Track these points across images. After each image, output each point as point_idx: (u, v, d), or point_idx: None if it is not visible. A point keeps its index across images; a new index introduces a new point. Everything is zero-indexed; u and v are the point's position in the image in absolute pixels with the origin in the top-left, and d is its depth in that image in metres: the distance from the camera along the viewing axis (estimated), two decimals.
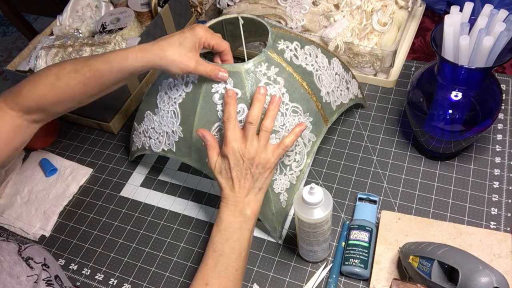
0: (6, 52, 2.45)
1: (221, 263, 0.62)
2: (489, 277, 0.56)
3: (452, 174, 0.80)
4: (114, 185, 0.88)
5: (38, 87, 0.68)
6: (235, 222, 0.64)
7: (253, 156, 0.64)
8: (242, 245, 0.64)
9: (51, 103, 0.69)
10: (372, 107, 0.92)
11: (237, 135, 0.64)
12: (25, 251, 0.57)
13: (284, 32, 0.73)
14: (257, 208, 0.66)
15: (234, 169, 0.64)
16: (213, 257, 0.63)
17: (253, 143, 0.64)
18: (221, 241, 0.63)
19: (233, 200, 0.65)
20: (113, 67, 0.67)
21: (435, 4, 1.05)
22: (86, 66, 0.68)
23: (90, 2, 1.07)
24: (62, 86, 0.68)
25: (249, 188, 0.65)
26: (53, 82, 0.68)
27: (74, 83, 0.68)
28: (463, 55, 0.67)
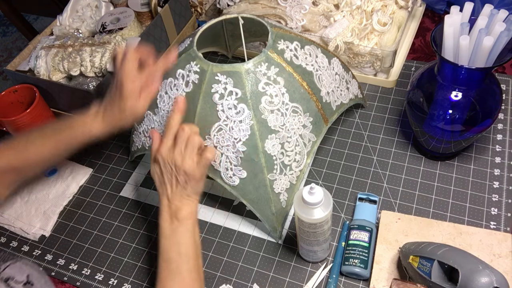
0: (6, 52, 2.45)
1: (173, 270, 0.63)
2: (489, 277, 0.56)
3: (452, 174, 0.80)
4: (114, 185, 0.88)
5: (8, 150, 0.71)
6: (172, 227, 0.65)
7: (178, 164, 0.64)
8: (188, 248, 0.64)
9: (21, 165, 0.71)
10: (372, 107, 0.92)
11: (169, 143, 0.66)
12: (4, 271, 0.57)
13: (284, 32, 0.73)
14: (192, 209, 0.66)
15: (164, 174, 0.66)
16: (164, 267, 0.64)
17: (180, 151, 0.65)
18: (166, 249, 0.64)
19: (167, 206, 0.66)
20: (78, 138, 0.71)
21: (435, 4, 1.05)
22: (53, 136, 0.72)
23: (90, 2, 1.07)
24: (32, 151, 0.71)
25: (179, 194, 0.66)
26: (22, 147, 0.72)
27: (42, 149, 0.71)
28: (463, 55, 0.67)
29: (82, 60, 0.91)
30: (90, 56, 0.91)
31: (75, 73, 0.92)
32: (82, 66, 0.91)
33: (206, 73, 0.69)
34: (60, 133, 0.72)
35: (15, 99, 0.94)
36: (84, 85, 0.92)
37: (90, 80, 0.92)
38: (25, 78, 0.94)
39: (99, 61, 0.91)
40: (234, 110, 0.68)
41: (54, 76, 0.93)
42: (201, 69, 0.70)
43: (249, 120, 0.68)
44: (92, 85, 0.92)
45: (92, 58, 0.91)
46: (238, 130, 0.68)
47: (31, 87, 0.92)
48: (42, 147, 0.72)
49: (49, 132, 0.73)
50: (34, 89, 0.92)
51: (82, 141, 0.72)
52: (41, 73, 0.94)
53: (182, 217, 0.65)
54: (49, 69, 0.93)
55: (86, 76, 0.92)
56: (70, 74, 0.92)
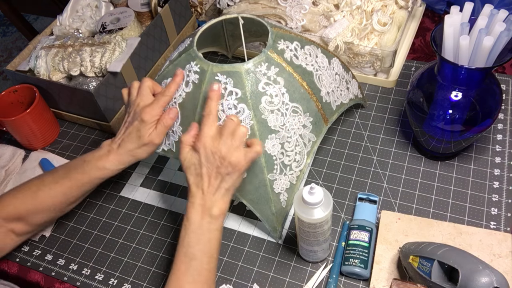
0: (6, 52, 2.45)
1: (194, 267, 0.61)
2: (489, 277, 0.56)
3: (452, 174, 0.80)
4: (114, 185, 0.88)
5: (18, 197, 0.71)
6: (203, 223, 0.62)
7: (224, 155, 0.62)
8: (213, 246, 0.63)
9: (30, 213, 0.71)
10: (372, 107, 0.92)
11: (213, 132, 0.63)
12: None
13: (284, 32, 0.73)
14: (225, 208, 0.64)
15: (204, 165, 0.63)
16: (184, 262, 0.62)
17: (226, 142, 0.63)
18: (191, 244, 0.62)
19: (200, 199, 0.63)
20: (91, 177, 0.71)
21: (435, 4, 1.05)
22: (66, 177, 0.71)
23: (90, 2, 1.07)
24: (42, 196, 0.71)
25: (216, 188, 0.63)
26: (33, 193, 0.71)
27: (55, 193, 0.71)
28: (463, 55, 0.67)
29: (82, 60, 0.91)
30: (90, 56, 0.91)
31: (75, 73, 0.92)
32: (82, 66, 0.91)
33: (206, 73, 0.69)
34: (73, 171, 0.71)
35: (15, 99, 0.94)
36: (84, 85, 0.92)
37: (90, 80, 0.92)
38: (25, 78, 0.94)
39: (99, 61, 0.91)
40: (234, 110, 0.68)
41: (54, 76, 0.93)
42: (201, 69, 0.70)
43: (249, 120, 0.68)
44: (92, 85, 0.92)
45: (92, 58, 0.91)
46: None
47: (31, 87, 0.92)
48: (53, 190, 0.71)
49: (60, 173, 0.72)
50: (34, 89, 0.92)
51: (96, 178, 0.71)
52: (41, 73, 0.94)
53: (216, 214, 0.63)
54: (49, 69, 0.93)
55: (86, 76, 0.93)
56: (70, 74, 0.93)
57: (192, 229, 0.62)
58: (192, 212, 0.63)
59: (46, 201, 0.71)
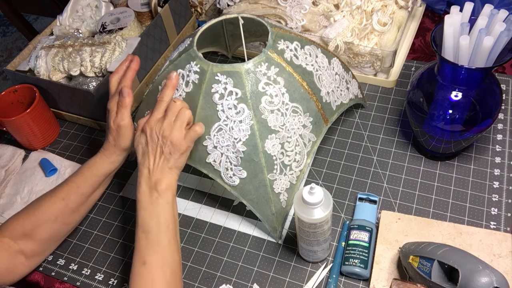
0: (6, 52, 2.45)
1: (152, 240, 0.64)
2: (489, 277, 0.56)
3: (452, 174, 0.80)
4: (114, 185, 0.88)
5: (21, 214, 0.73)
6: (152, 199, 0.66)
7: (166, 135, 0.66)
8: (167, 218, 0.66)
9: (33, 225, 0.71)
10: (372, 107, 0.92)
11: (160, 115, 0.68)
12: None
13: (284, 32, 0.73)
14: (171, 182, 0.67)
15: (149, 144, 0.67)
16: (142, 237, 0.65)
17: (169, 123, 0.66)
18: (145, 220, 0.65)
19: (146, 177, 0.67)
20: (85, 173, 0.74)
21: (435, 4, 1.05)
22: (64, 184, 0.74)
23: (90, 2, 1.07)
24: (43, 207, 0.72)
25: (162, 165, 0.67)
26: (34, 207, 0.73)
27: (54, 199, 0.73)
28: (463, 55, 0.67)
29: (82, 60, 0.91)
30: (90, 56, 0.91)
31: (75, 73, 0.92)
32: (82, 66, 0.91)
33: (206, 73, 0.69)
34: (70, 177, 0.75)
35: (15, 99, 0.94)
36: (84, 85, 0.92)
37: (90, 80, 0.92)
38: (25, 78, 0.94)
39: (99, 61, 0.91)
40: (234, 110, 0.68)
41: (54, 76, 0.93)
42: (201, 69, 0.70)
43: (249, 120, 0.68)
44: (92, 85, 0.92)
45: (92, 58, 0.91)
46: (238, 130, 0.68)
47: (31, 87, 0.92)
48: (53, 198, 0.73)
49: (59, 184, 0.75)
50: (34, 89, 0.92)
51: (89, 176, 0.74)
52: (41, 73, 0.94)
53: (162, 189, 0.66)
54: (49, 69, 0.93)
55: (86, 76, 0.93)
56: (70, 74, 0.93)
57: (143, 206, 0.66)
58: (140, 191, 0.67)
59: (46, 211, 0.72)
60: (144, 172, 0.67)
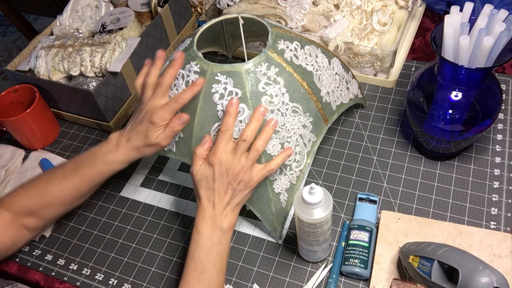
0: (6, 52, 2.45)
1: (204, 281, 0.62)
2: (489, 277, 0.56)
3: (452, 174, 0.80)
4: (114, 185, 0.88)
5: (29, 192, 0.72)
6: (214, 237, 0.63)
7: (237, 172, 0.63)
8: (223, 260, 0.64)
9: (41, 207, 0.71)
10: (372, 107, 0.92)
11: (228, 148, 0.64)
12: None
13: (284, 32, 0.73)
14: (234, 221, 0.65)
15: (217, 180, 0.63)
16: (194, 275, 0.62)
17: (241, 160, 0.63)
18: (201, 258, 0.63)
19: (211, 213, 0.64)
20: (101, 170, 0.71)
21: (435, 4, 1.05)
22: (75, 172, 0.71)
23: (90, 2, 1.07)
24: (52, 191, 0.71)
25: (227, 202, 0.64)
26: (44, 188, 0.71)
27: (65, 188, 0.71)
28: (463, 55, 0.67)
29: (82, 60, 0.91)
30: (90, 56, 0.91)
31: (75, 73, 0.92)
32: (82, 66, 0.91)
33: (206, 73, 0.69)
34: (81, 166, 0.72)
35: (15, 99, 0.94)
36: (84, 85, 0.92)
37: (90, 80, 0.92)
38: (25, 78, 0.94)
39: (99, 61, 0.91)
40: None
41: (54, 76, 0.93)
42: (201, 69, 0.70)
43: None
44: (92, 85, 0.92)
45: (92, 58, 0.91)
46: (238, 130, 0.68)
47: (31, 87, 0.92)
48: (63, 185, 0.71)
49: (69, 168, 0.72)
50: (34, 89, 0.92)
51: (105, 171, 0.72)
52: (41, 73, 0.94)
53: (226, 228, 0.64)
54: (49, 69, 0.93)
55: (86, 76, 0.93)
56: (70, 74, 0.93)
57: (203, 242, 0.63)
58: (202, 225, 0.64)
59: (56, 196, 0.71)
60: (209, 208, 0.64)
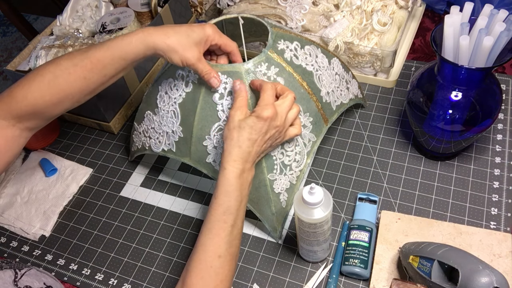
0: (6, 52, 2.45)
1: (233, 234, 0.61)
2: (489, 277, 0.56)
3: (452, 174, 0.80)
4: (114, 185, 0.88)
5: (33, 89, 0.63)
6: (244, 191, 0.63)
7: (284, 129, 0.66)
8: (245, 211, 0.64)
9: (48, 105, 0.64)
10: (372, 107, 0.92)
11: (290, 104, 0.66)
12: (22, 279, 0.54)
13: (284, 32, 0.73)
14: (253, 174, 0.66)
15: (261, 134, 0.62)
16: (224, 228, 0.61)
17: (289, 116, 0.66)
18: (233, 211, 0.61)
19: (243, 166, 0.62)
20: (115, 54, 0.64)
21: (435, 4, 1.05)
22: (86, 58, 0.64)
23: (90, 2, 1.07)
24: (60, 83, 0.63)
25: (258, 155, 0.64)
26: (50, 81, 0.63)
27: (74, 78, 0.64)
28: (463, 55, 0.67)
29: None
30: None
31: None
32: None
33: None
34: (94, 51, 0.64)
35: None
36: None
37: None
38: None
39: None
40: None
41: None
42: None
43: None
44: None
45: None
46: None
47: None
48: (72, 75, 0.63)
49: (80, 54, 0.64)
50: None
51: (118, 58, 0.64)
52: None
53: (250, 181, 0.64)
54: None
55: None
56: None
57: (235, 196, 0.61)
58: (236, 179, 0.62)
59: (65, 89, 0.64)
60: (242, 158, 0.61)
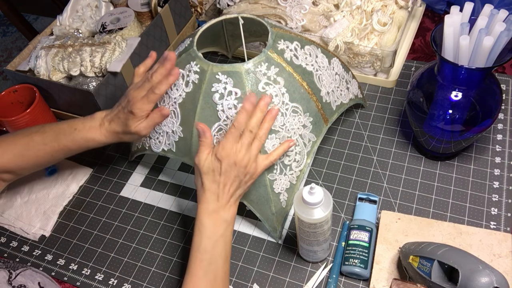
0: (6, 52, 2.45)
1: (211, 271, 0.63)
2: (489, 277, 0.56)
3: (452, 174, 0.80)
4: (114, 185, 0.88)
5: (7, 154, 0.74)
6: (219, 229, 0.64)
7: (245, 165, 0.64)
8: (227, 249, 0.65)
9: (18, 167, 0.75)
10: (372, 107, 0.92)
11: (237, 144, 0.64)
12: (16, 279, 0.55)
13: (284, 32, 0.73)
14: (236, 212, 0.67)
15: (224, 174, 0.63)
16: (201, 267, 0.63)
17: (248, 151, 0.64)
18: (207, 249, 0.63)
19: (215, 206, 0.64)
20: (80, 145, 0.74)
21: (435, 4, 1.05)
22: (55, 141, 0.74)
23: (90, 2, 1.07)
24: (30, 156, 0.74)
25: (231, 195, 0.65)
26: (22, 152, 0.74)
27: (43, 154, 0.74)
28: (463, 55, 0.67)
29: (82, 60, 0.91)
30: (90, 56, 0.91)
31: (75, 73, 0.92)
32: (82, 66, 0.91)
33: (206, 73, 0.69)
34: (62, 137, 0.74)
35: (15, 99, 0.94)
36: (84, 85, 0.92)
37: (90, 80, 0.92)
38: (25, 78, 0.94)
39: (99, 61, 0.91)
40: (234, 110, 0.68)
41: (54, 76, 0.93)
42: (201, 69, 0.70)
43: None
44: (92, 85, 0.92)
45: (92, 58, 0.91)
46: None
47: (31, 87, 0.92)
48: (41, 152, 0.74)
49: (50, 135, 0.75)
50: (34, 89, 0.92)
51: (83, 147, 0.75)
52: (41, 73, 0.94)
53: (229, 219, 0.65)
54: (49, 69, 0.93)
55: (86, 76, 0.92)
56: (70, 74, 0.93)
57: (208, 234, 0.64)
58: (207, 217, 0.64)
59: (33, 160, 0.75)
60: (213, 200, 0.64)
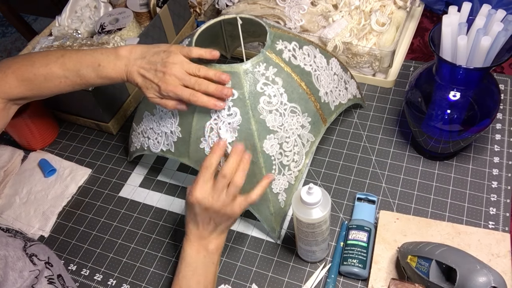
0: (5, 52, 2.45)
1: None
2: (487, 276, 0.56)
3: (451, 174, 0.80)
4: (113, 186, 0.88)
5: (25, 83, 0.72)
6: (199, 257, 0.64)
7: (218, 210, 0.62)
8: (208, 279, 0.64)
9: (34, 96, 0.74)
10: (370, 107, 0.92)
11: (207, 187, 0.61)
12: (30, 248, 0.58)
13: (283, 32, 0.74)
14: (221, 244, 0.66)
15: (199, 216, 0.63)
16: None
17: (221, 197, 0.61)
18: (186, 276, 0.64)
19: (197, 236, 0.64)
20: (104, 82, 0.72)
21: (434, 4, 1.05)
22: (77, 75, 0.71)
23: (89, 3, 1.07)
24: (50, 87, 0.73)
25: (212, 231, 0.64)
26: (42, 82, 0.72)
27: (64, 86, 0.73)
28: (461, 55, 0.67)
29: None
30: None
31: None
32: None
33: None
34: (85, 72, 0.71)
35: None
36: None
37: None
38: None
39: None
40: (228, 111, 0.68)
41: None
42: None
43: (248, 120, 0.68)
44: None
45: None
46: (226, 131, 0.68)
47: None
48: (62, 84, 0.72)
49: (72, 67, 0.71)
50: None
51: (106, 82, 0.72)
52: None
53: (212, 249, 0.64)
54: None
55: None
56: None
57: (188, 262, 0.64)
58: (188, 246, 0.65)
59: (53, 91, 0.74)
60: (194, 230, 0.64)
